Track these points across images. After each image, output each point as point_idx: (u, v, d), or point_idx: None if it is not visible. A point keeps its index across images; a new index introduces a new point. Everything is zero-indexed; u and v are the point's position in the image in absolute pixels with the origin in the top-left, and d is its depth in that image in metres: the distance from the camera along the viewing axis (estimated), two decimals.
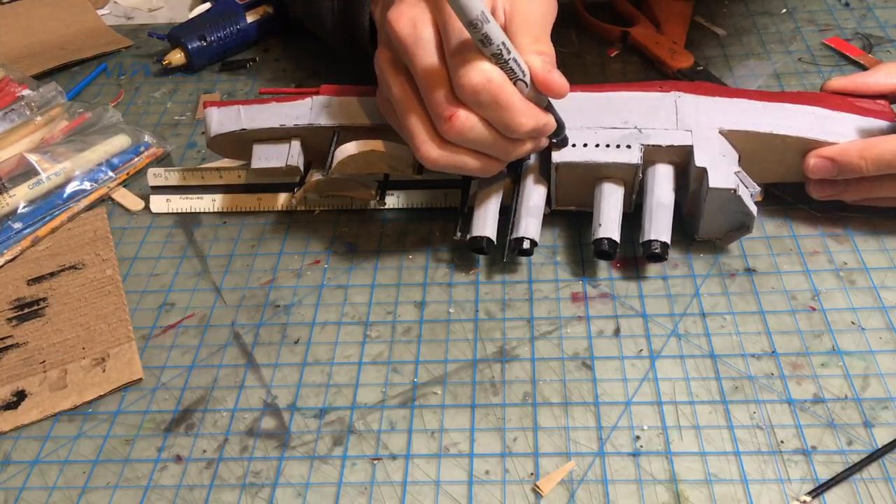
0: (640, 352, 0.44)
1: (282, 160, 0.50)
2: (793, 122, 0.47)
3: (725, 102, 0.48)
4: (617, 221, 0.46)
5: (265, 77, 0.69)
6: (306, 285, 0.50)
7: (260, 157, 0.51)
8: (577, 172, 0.47)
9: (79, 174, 0.58)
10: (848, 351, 0.43)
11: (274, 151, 0.51)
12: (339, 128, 0.50)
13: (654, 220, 0.46)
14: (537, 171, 0.49)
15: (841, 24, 0.66)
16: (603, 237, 0.46)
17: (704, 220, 0.47)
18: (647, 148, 0.46)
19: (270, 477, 0.40)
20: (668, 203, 0.46)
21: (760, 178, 0.48)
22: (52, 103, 0.64)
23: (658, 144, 0.46)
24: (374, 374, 0.44)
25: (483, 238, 0.47)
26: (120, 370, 0.46)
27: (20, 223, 0.55)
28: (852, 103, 0.49)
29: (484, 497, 0.38)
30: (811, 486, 0.37)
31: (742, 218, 0.46)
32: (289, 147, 0.51)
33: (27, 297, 0.51)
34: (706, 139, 0.46)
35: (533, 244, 0.47)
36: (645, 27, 0.66)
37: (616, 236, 0.46)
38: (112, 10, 0.83)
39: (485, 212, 0.48)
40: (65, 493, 0.41)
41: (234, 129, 0.51)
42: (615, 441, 0.40)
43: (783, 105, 0.48)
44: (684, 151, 0.46)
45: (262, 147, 0.51)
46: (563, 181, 0.48)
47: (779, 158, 0.48)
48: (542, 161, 0.49)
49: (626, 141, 0.47)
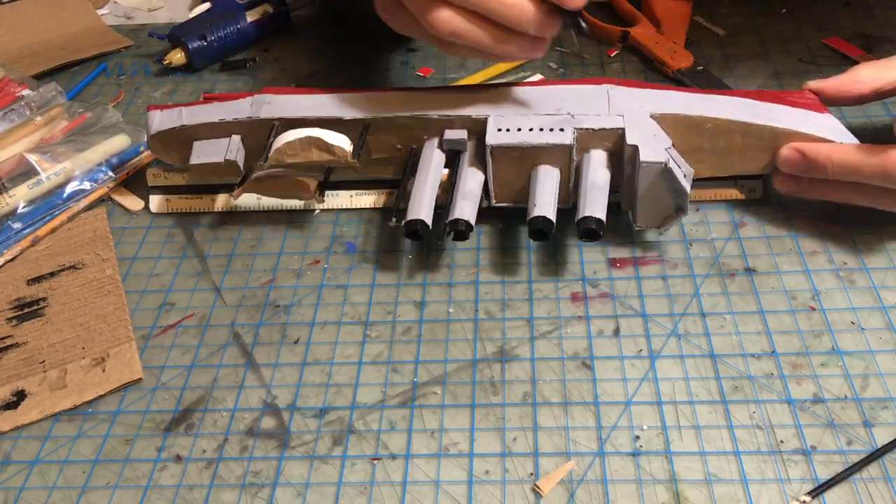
0: (640, 352, 0.44)
1: (220, 155, 0.51)
2: (724, 109, 0.48)
3: (657, 92, 0.50)
4: (552, 202, 0.47)
5: (265, 77, 0.69)
6: (306, 285, 0.50)
7: (199, 153, 0.52)
8: (513, 158, 0.48)
9: (79, 174, 0.58)
10: (848, 351, 0.43)
11: (213, 147, 0.51)
12: (278, 120, 0.51)
13: (589, 198, 0.46)
14: (474, 158, 0.50)
15: (841, 24, 0.66)
16: (538, 215, 0.46)
17: (641, 204, 0.47)
18: (580, 133, 0.47)
19: (270, 477, 0.40)
20: (603, 184, 0.47)
21: (721, 172, 0.49)
22: (52, 103, 0.64)
23: (590, 128, 0.47)
24: (373, 374, 0.44)
25: (418, 221, 0.47)
26: (120, 370, 0.46)
27: (20, 223, 0.55)
28: (783, 98, 0.50)
29: (484, 497, 0.38)
30: (811, 486, 0.37)
31: (676, 199, 0.46)
32: (228, 142, 0.51)
33: (27, 297, 0.51)
34: (637, 122, 0.47)
35: (468, 227, 0.47)
36: (645, 27, 0.66)
37: (551, 215, 0.46)
38: (112, 10, 0.83)
39: (420, 197, 0.48)
40: (65, 493, 0.41)
41: (175, 126, 0.52)
42: (615, 441, 0.40)
43: (713, 96, 0.49)
44: (616, 135, 0.47)
45: (201, 144, 0.52)
46: (500, 168, 0.49)
47: (730, 149, 0.48)
48: (478, 148, 0.49)
49: (559, 125, 0.48)
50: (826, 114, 0.49)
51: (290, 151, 0.49)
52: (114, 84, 0.71)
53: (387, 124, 0.50)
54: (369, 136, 0.51)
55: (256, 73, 0.70)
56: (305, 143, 0.49)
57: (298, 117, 0.50)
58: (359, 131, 0.50)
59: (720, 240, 0.49)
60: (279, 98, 0.52)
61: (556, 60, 0.66)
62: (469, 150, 0.50)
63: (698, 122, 0.48)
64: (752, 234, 0.49)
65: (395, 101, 0.51)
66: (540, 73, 0.65)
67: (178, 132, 0.52)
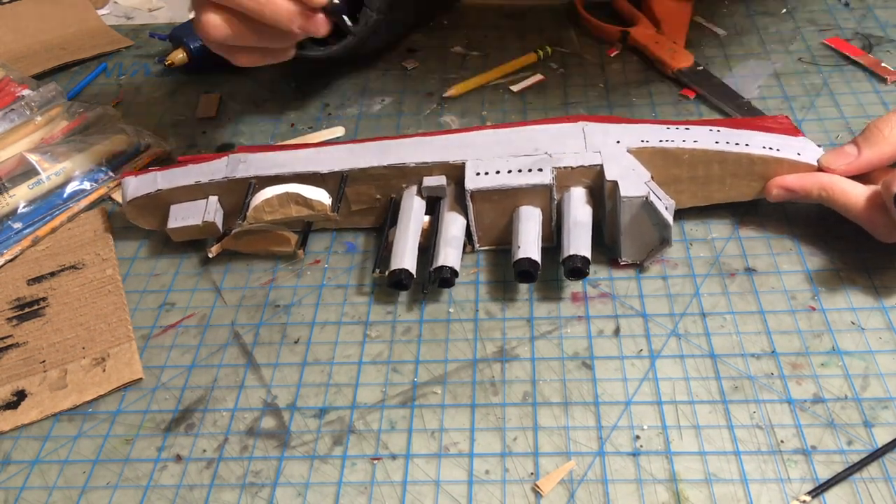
0: (640, 352, 0.44)
1: (198, 217, 0.50)
2: (700, 138, 0.48)
3: (632, 126, 0.49)
4: (536, 242, 0.46)
5: (264, 76, 0.69)
6: (306, 285, 0.50)
7: (176, 217, 0.51)
8: (494, 201, 0.48)
9: (79, 174, 0.58)
10: (848, 351, 0.43)
11: (191, 209, 0.51)
12: (254, 178, 0.50)
13: (573, 237, 0.46)
14: (454, 203, 0.49)
15: (841, 24, 0.66)
16: (522, 257, 0.46)
17: (624, 238, 0.47)
18: (559, 171, 0.47)
19: (270, 476, 0.40)
20: (586, 221, 0.47)
21: (703, 201, 0.49)
22: (52, 103, 0.64)
23: (569, 166, 0.47)
24: (374, 374, 0.44)
25: (402, 270, 0.46)
26: (120, 370, 0.46)
27: (20, 223, 0.55)
28: (756, 123, 0.50)
29: (484, 497, 0.38)
30: (811, 486, 0.37)
31: (660, 231, 0.46)
32: (206, 203, 0.51)
33: (27, 297, 0.51)
34: (615, 157, 0.47)
35: (454, 273, 0.46)
36: (645, 27, 0.66)
37: (536, 256, 0.46)
38: (112, 10, 0.83)
39: (403, 246, 0.47)
40: (65, 493, 0.41)
41: (151, 191, 0.51)
42: (615, 441, 0.40)
43: (689, 127, 0.49)
44: (595, 172, 0.47)
45: (178, 207, 0.51)
46: (481, 212, 0.49)
47: (709, 178, 0.48)
48: (458, 193, 0.49)
49: (537, 165, 0.48)
50: (800, 137, 0.49)
51: (269, 208, 0.49)
52: (114, 84, 0.71)
53: (364, 175, 0.50)
54: (347, 189, 0.50)
55: (256, 73, 0.70)
56: (284, 200, 0.49)
57: (274, 174, 0.50)
58: (337, 184, 0.50)
59: (720, 240, 0.49)
60: (254, 156, 0.51)
61: (557, 61, 0.66)
62: (449, 195, 0.50)
63: (675, 154, 0.48)
64: (752, 234, 0.49)
65: (371, 152, 0.50)
66: (540, 74, 0.65)
67: (155, 198, 0.51)
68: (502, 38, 0.70)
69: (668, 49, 0.63)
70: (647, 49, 0.64)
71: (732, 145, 0.47)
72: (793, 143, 0.48)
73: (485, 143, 0.50)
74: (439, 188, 0.49)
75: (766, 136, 0.49)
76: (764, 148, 0.48)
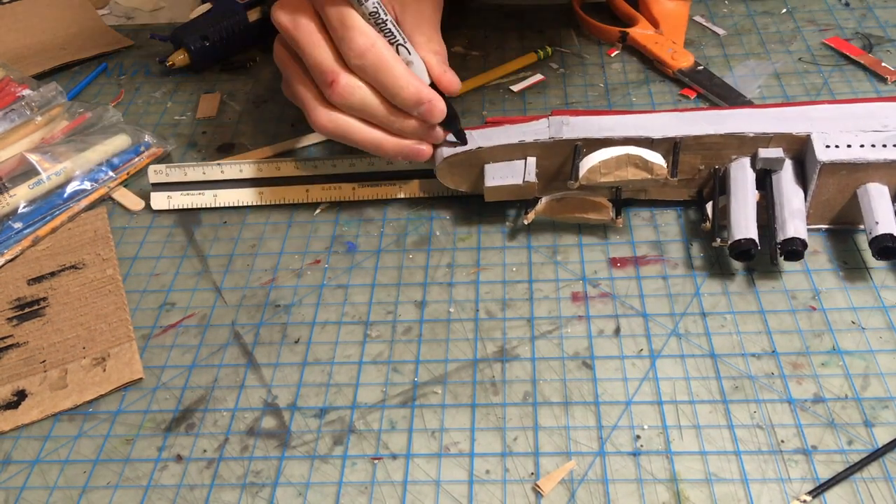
0: (641, 351, 0.44)
1: (518, 177, 0.50)
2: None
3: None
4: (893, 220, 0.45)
5: (265, 77, 0.69)
6: (306, 285, 0.50)
7: (493, 176, 0.50)
8: (840, 175, 0.46)
9: (79, 174, 0.58)
10: (848, 350, 0.43)
11: (508, 169, 0.50)
12: (581, 140, 0.49)
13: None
14: (791, 177, 0.48)
15: (841, 24, 0.66)
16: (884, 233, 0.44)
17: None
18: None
19: (271, 476, 0.40)
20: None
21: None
22: (53, 103, 0.64)
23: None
24: (374, 374, 0.44)
25: (749, 240, 0.45)
26: (120, 370, 0.46)
27: (20, 223, 0.55)
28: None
29: (484, 497, 0.38)
30: (811, 486, 0.37)
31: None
32: (524, 163, 0.50)
33: (27, 297, 0.51)
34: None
35: (804, 245, 0.45)
36: (643, 27, 0.66)
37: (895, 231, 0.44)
38: (112, 10, 0.83)
39: (744, 215, 0.46)
40: (65, 493, 0.41)
41: (470, 149, 0.51)
42: (615, 440, 0.40)
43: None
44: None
45: (494, 166, 0.51)
46: (824, 187, 0.47)
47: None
48: (795, 167, 0.48)
49: (891, 141, 0.46)
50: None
51: (605, 170, 0.48)
52: (114, 84, 0.71)
53: (695, 144, 0.49)
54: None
55: (257, 73, 0.70)
56: (623, 161, 0.48)
57: (603, 137, 0.49)
58: (666, 151, 0.49)
59: None
60: (577, 119, 0.51)
61: (557, 61, 0.66)
62: (784, 168, 0.48)
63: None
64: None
65: (704, 120, 0.49)
66: (540, 74, 0.65)
67: (472, 155, 0.51)
68: (502, 38, 0.70)
69: (667, 49, 0.64)
70: (646, 49, 0.64)
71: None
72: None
73: (824, 116, 0.48)
74: (777, 160, 0.48)
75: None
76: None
